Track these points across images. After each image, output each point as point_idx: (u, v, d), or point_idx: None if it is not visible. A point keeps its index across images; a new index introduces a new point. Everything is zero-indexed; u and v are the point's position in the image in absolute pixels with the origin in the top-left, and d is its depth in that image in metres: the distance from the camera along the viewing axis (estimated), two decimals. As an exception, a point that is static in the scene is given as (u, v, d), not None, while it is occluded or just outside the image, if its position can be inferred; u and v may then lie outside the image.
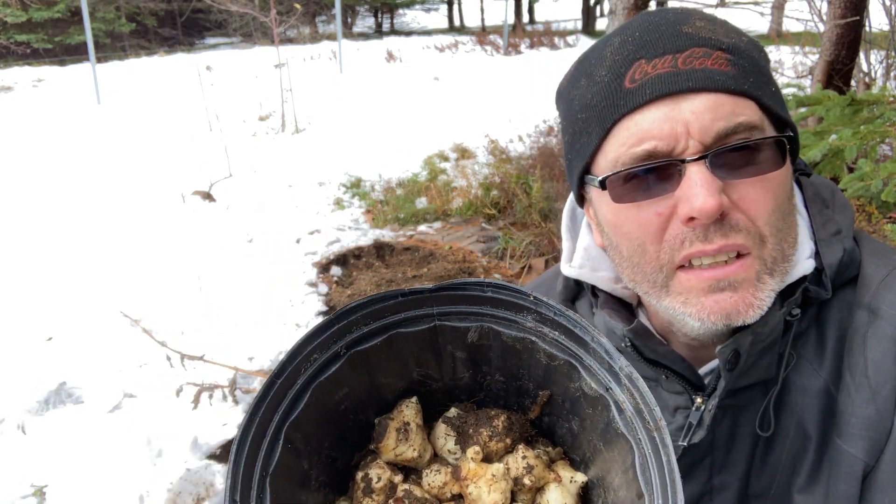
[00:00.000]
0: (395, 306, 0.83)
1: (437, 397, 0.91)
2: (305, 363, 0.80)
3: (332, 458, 0.85)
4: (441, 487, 0.81)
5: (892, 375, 0.87)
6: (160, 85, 14.52)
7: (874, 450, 0.89)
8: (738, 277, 0.87)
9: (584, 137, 0.96)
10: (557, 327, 0.80)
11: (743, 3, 11.40)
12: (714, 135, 0.85)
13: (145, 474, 3.28)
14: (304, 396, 0.79)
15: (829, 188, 1.05)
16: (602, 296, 1.09)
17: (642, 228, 0.91)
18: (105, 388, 4.03)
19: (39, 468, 3.34)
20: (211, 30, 26.86)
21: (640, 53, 0.89)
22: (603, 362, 0.77)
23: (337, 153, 9.06)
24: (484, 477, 0.78)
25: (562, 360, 0.81)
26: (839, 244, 0.96)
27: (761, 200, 0.87)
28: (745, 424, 1.00)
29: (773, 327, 0.93)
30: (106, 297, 5.14)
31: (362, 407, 0.87)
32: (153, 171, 8.43)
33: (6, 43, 19.20)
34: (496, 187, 6.96)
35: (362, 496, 0.81)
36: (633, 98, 0.88)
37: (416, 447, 0.83)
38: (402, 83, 13.56)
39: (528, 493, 0.80)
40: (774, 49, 13.46)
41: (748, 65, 0.89)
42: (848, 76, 4.73)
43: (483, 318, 0.84)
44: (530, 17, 30.12)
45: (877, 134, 2.30)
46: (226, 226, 6.75)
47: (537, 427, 0.90)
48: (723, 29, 0.92)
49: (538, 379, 0.86)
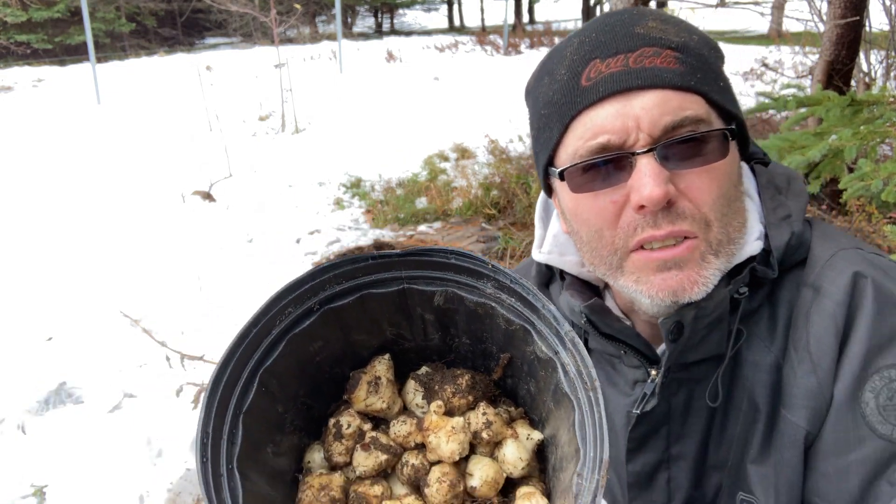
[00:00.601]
0: (366, 268, 0.89)
1: (410, 356, 0.98)
2: (280, 315, 0.85)
3: (307, 405, 0.92)
4: (405, 437, 0.88)
5: (832, 349, 0.94)
6: (160, 85, 14.51)
7: (815, 419, 0.95)
8: (684, 258, 0.94)
9: (546, 132, 1.04)
10: (513, 294, 0.86)
11: (743, 3, 11.40)
12: (662, 128, 0.92)
13: (145, 474, 3.28)
14: (279, 346, 0.85)
15: (784, 176, 1.11)
16: (568, 278, 1.17)
17: (599, 215, 0.98)
18: (105, 388, 4.03)
19: (39, 468, 3.34)
20: (211, 30, 26.85)
21: (596, 53, 0.97)
22: (552, 327, 0.83)
23: (337, 153, 9.06)
24: (444, 429, 0.84)
25: (518, 325, 0.87)
26: (788, 227, 1.02)
27: (706, 189, 0.94)
28: (699, 398, 1.07)
29: (717, 303, 0.99)
30: (106, 297, 5.14)
31: (338, 361, 0.94)
32: (153, 171, 8.42)
33: (6, 43, 19.19)
34: (496, 187, 6.96)
35: (333, 440, 0.88)
36: (588, 95, 0.96)
37: (386, 399, 0.90)
38: (402, 83, 13.56)
39: (487, 447, 0.87)
40: (774, 49, 13.45)
41: (696, 62, 0.96)
42: (848, 76, 4.73)
43: (448, 284, 0.90)
44: (530, 17, 30.12)
45: (877, 134, 2.30)
46: (226, 226, 6.75)
47: (501, 388, 0.97)
48: (674, 28, 0.98)
49: (500, 343, 0.92)
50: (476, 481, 0.83)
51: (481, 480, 0.83)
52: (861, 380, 0.92)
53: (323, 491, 0.82)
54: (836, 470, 0.93)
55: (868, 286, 0.94)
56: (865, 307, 0.93)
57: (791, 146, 2.41)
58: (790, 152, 2.38)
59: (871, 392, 0.91)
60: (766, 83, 10.93)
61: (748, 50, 14.14)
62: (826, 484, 0.95)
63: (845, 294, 0.95)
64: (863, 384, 0.92)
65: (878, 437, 0.90)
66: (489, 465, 0.84)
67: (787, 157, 2.32)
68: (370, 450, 0.86)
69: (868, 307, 0.93)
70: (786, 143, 2.43)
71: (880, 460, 0.90)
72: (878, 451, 0.90)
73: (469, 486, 0.83)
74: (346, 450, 0.88)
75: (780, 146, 2.43)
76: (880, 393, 0.91)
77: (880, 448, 0.90)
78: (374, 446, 0.86)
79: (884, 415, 0.90)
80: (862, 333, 0.93)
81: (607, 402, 1.16)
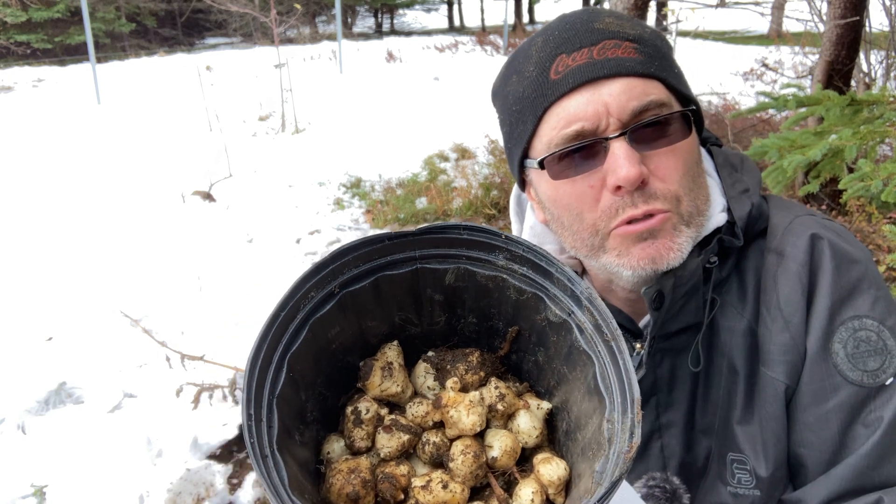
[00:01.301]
0: (382, 249, 0.91)
1: (415, 343, 0.99)
2: (304, 300, 0.86)
3: (323, 395, 0.92)
4: (423, 417, 0.89)
5: (801, 306, 1.03)
6: (160, 85, 14.51)
7: (793, 372, 1.03)
8: (658, 228, 1.02)
9: (519, 126, 1.10)
10: (525, 263, 0.88)
11: (743, 3, 11.40)
12: (630, 112, 0.99)
13: (145, 474, 3.28)
14: (304, 330, 0.86)
15: (737, 156, 1.20)
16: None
17: (579, 199, 1.05)
18: (105, 388, 4.03)
19: (39, 468, 3.34)
20: (211, 30, 26.85)
21: (561, 49, 1.04)
22: (566, 289, 0.86)
23: (337, 153, 9.05)
24: (462, 403, 0.86)
25: (529, 293, 0.89)
26: (747, 200, 1.11)
27: (673, 167, 1.02)
28: (682, 366, 1.14)
29: (692, 272, 1.06)
30: (106, 297, 5.14)
31: (350, 349, 0.95)
32: (153, 171, 8.42)
33: (6, 43, 19.19)
34: (496, 187, 6.96)
35: (353, 427, 0.89)
36: (558, 87, 1.02)
37: (400, 383, 0.92)
38: (402, 83, 13.56)
39: (501, 419, 0.89)
40: (774, 49, 13.45)
41: (653, 52, 1.04)
42: (848, 76, 4.73)
43: (460, 260, 0.92)
44: (530, 17, 30.12)
45: (877, 134, 2.30)
46: (226, 226, 6.75)
47: (505, 365, 0.99)
48: (629, 23, 1.07)
49: (508, 316, 0.95)
50: (496, 451, 0.85)
51: (501, 450, 0.85)
52: (829, 332, 1.01)
53: (353, 473, 0.83)
54: (816, 418, 1.01)
55: (825, 246, 1.04)
56: (825, 265, 1.03)
57: (791, 145, 2.41)
58: (790, 151, 2.38)
59: (840, 343, 1.01)
60: (766, 83, 10.93)
61: (748, 50, 14.15)
62: (809, 433, 1.02)
63: (806, 255, 1.04)
64: (831, 336, 1.01)
65: (850, 383, 0.99)
66: (507, 436, 0.87)
67: (786, 157, 2.32)
68: (392, 431, 0.87)
69: (827, 265, 1.03)
70: (786, 142, 2.43)
71: (854, 405, 0.99)
72: (852, 396, 0.99)
73: (490, 457, 0.85)
74: (368, 434, 0.89)
75: (780, 145, 2.43)
76: (847, 343, 1.00)
77: (853, 393, 0.99)
78: (395, 427, 0.88)
79: (853, 362, 0.99)
80: (825, 290, 1.02)
81: None
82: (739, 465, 1.09)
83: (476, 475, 0.84)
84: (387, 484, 0.83)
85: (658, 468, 1.18)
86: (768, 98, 2.73)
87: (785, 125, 2.95)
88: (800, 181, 5.05)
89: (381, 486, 0.83)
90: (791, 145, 2.42)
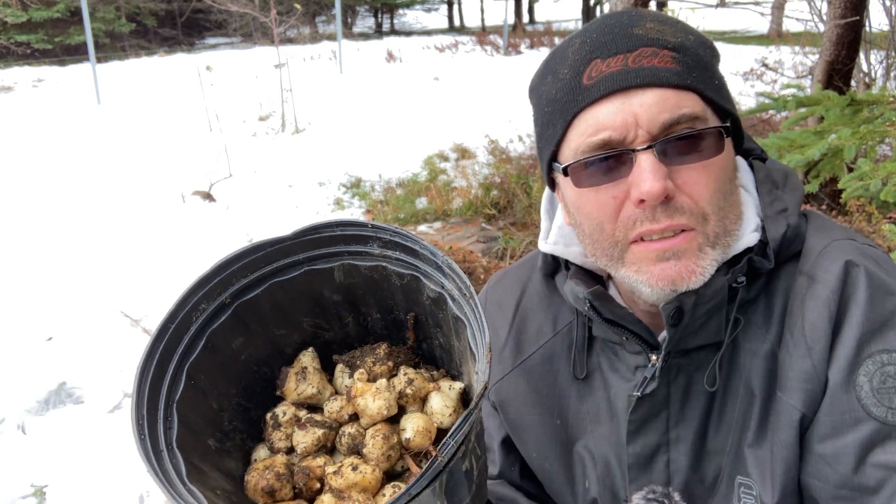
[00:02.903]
0: (267, 256, 0.93)
1: (332, 349, 1.01)
2: (195, 311, 0.88)
3: (243, 406, 0.94)
4: (339, 411, 0.93)
5: (826, 334, 0.98)
6: (160, 85, 14.51)
7: (810, 401, 0.99)
8: (681, 248, 0.99)
9: (550, 129, 1.08)
10: (397, 247, 0.91)
11: (743, 3, 11.40)
12: (660, 125, 0.97)
13: (145, 474, 3.28)
14: (200, 341, 0.87)
15: (781, 172, 1.15)
16: (573, 268, 1.21)
17: (600, 209, 1.03)
18: (105, 388, 4.03)
19: (39, 468, 3.34)
20: (211, 30, 26.85)
21: (596, 53, 1.01)
22: (432, 263, 0.88)
23: (337, 153, 9.05)
24: (369, 391, 0.90)
25: (408, 276, 0.92)
26: (784, 220, 1.06)
27: (703, 183, 0.98)
28: (698, 383, 1.11)
29: (715, 290, 1.03)
30: (106, 297, 5.15)
31: (264, 361, 0.96)
32: (153, 171, 8.42)
33: (6, 43, 19.19)
34: (496, 187, 6.96)
35: (272, 430, 0.92)
36: (589, 93, 1.00)
37: (315, 384, 0.95)
38: (402, 83, 13.56)
39: (416, 403, 0.92)
40: (774, 49, 13.45)
41: (692, 61, 1.00)
42: (848, 76, 4.73)
43: (342, 257, 0.94)
44: (530, 17, 30.11)
45: (876, 133, 2.30)
46: (226, 226, 6.75)
47: (419, 355, 1.02)
48: (671, 29, 1.03)
49: (403, 305, 0.97)
50: (409, 433, 0.88)
51: (413, 431, 0.88)
52: (855, 364, 0.96)
53: (267, 469, 0.86)
54: (832, 451, 0.97)
55: (860, 274, 0.99)
56: (858, 294, 0.98)
57: (791, 145, 2.42)
58: (790, 151, 2.38)
59: (865, 376, 0.96)
60: (766, 83, 10.93)
61: (748, 50, 14.15)
62: (823, 465, 0.98)
63: (838, 282, 0.99)
64: (857, 368, 0.96)
65: (873, 419, 0.94)
66: (419, 417, 0.90)
67: (786, 156, 2.32)
68: (307, 428, 0.90)
69: (861, 294, 0.98)
70: (785, 142, 2.43)
71: (875, 441, 0.94)
72: (874, 432, 0.94)
73: (404, 438, 0.88)
74: (286, 436, 0.92)
75: (780, 145, 2.43)
76: (874, 377, 0.95)
77: (875, 430, 0.94)
78: (310, 424, 0.91)
79: (878, 397, 0.94)
80: (855, 319, 0.97)
81: (609, 387, 1.21)
82: (746, 489, 1.07)
83: (388, 456, 0.87)
84: (301, 475, 0.86)
85: (661, 482, 1.16)
86: (768, 98, 2.73)
87: (785, 125, 2.95)
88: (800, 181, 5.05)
89: (296, 478, 0.86)
90: (791, 145, 2.43)
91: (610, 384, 1.20)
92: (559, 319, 1.28)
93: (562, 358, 1.26)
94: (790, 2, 13.24)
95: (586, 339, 1.23)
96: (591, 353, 1.23)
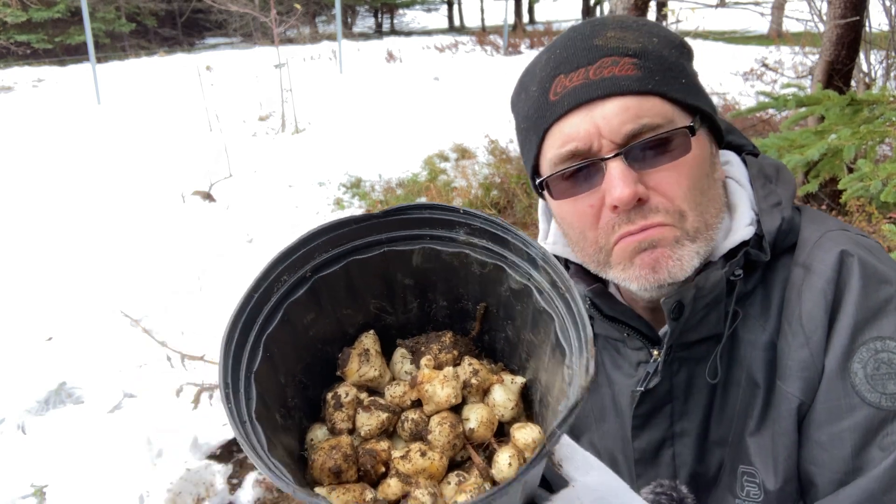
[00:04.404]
0: (350, 233, 0.92)
1: (391, 333, 1.01)
2: (277, 283, 0.88)
3: (304, 383, 0.94)
4: (402, 396, 0.92)
5: (822, 323, 1.00)
6: (160, 85, 14.51)
7: (808, 389, 1.01)
8: (656, 237, 1.02)
9: (528, 144, 1.13)
10: (484, 235, 0.90)
11: (743, 3, 11.40)
12: (623, 136, 1.00)
13: (145, 474, 3.28)
14: (278, 313, 0.87)
15: (773, 166, 1.18)
16: (573, 267, 1.24)
17: (580, 218, 1.07)
18: (105, 388, 4.03)
19: (39, 468, 3.34)
20: (211, 30, 26.84)
21: (560, 69, 1.05)
22: (522, 254, 0.87)
23: (337, 153, 9.05)
24: (437, 378, 0.89)
25: (491, 265, 0.90)
26: (778, 213, 1.09)
27: (675, 183, 1.01)
28: (700, 376, 1.13)
29: (714, 284, 1.05)
30: (106, 297, 5.15)
31: (328, 340, 0.96)
32: (153, 171, 8.42)
33: (6, 43, 19.19)
34: (496, 187, 6.96)
35: (333, 411, 0.91)
36: (555, 109, 1.04)
37: (377, 367, 0.94)
38: (402, 83, 13.56)
39: (477, 394, 0.92)
40: (774, 49, 13.45)
41: (654, 65, 1.02)
42: (848, 76, 4.73)
43: (424, 240, 0.93)
44: (530, 17, 30.11)
45: (876, 134, 2.30)
46: (226, 226, 6.75)
47: (479, 347, 1.02)
48: (633, 35, 1.05)
49: (475, 295, 0.96)
50: (473, 423, 0.88)
51: (477, 422, 0.87)
52: (850, 351, 0.98)
53: (334, 450, 0.85)
54: (829, 438, 0.99)
55: (854, 263, 1.01)
56: (852, 283, 1.00)
57: (790, 145, 2.42)
58: (790, 151, 2.38)
59: (860, 363, 0.98)
60: (766, 83, 10.93)
61: (748, 50, 14.15)
62: (820, 451, 1.00)
63: (833, 271, 1.01)
64: (851, 356, 0.98)
65: (867, 404, 0.97)
66: (483, 408, 0.90)
67: (786, 156, 2.32)
68: (371, 410, 0.90)
69: (855, 283, 1.00)
70: (785, 141, 2.43)
71: (870, 427, 0.96)
72: (868, 418, 0.96)
73: (468, 428, 0.88)
74: (348, 417, 0.91)
75: (780, 145, 2.43)
76: (867, 363, 0.98)
77: (870, 415, 0.96)
78: (374, 407, 0.90)
79: (871, 383, 0.97)
80: (849, 308, 0.99)
81: (613, 384, 1.23)
82: (749, 477, 1.08)
83: (454, 445, 0.87)
84: (368, 458, 0.85)
85: (668, 476, 1.18)
86: (768, 98, 2.73)
87: (785, 125, 2.95)
88: (799, 181, 5.05)
89: (362, 459, 0.85)
90: (791, 145, 2.43)
91: (613, 381, 1.23)
92: None
93: None
94: (790, 2, 13.25)
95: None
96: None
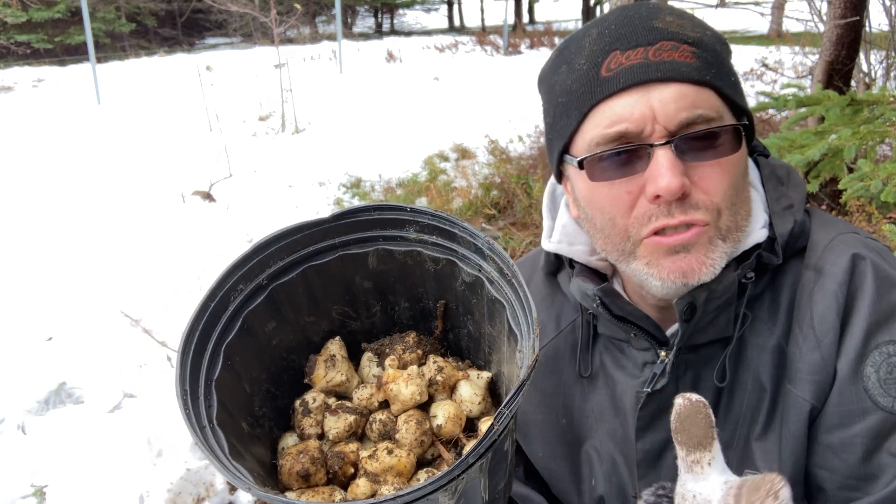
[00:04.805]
0: (305, 239, 0.92)
1: (358, 339, 1.01)
2: (233, 292, 0.88)
3: (272, 393, 0.94)
4: (369, 398, 0.93)
5: (834, 326, 0.99)
6: (160, 85, 14.50)
7: (819, 393, 1.00)
8: (693, 242, 0.99)
9: (563, 120, 1.07)
10: (433, 231, 0.91)
11: (743, 3, 11.40)
12: (678, 123, 0.96)
13: (145, 474, 3.28)
14: (237, 322, 0.88)
15: (784, 168, 1.16)
16: (578, 266, 1.21)
17: (613, 204, 1.02)
18: (105, 388, 4.02)
19: (39, 468, 3.34)
20: (211, 30, 26.84)
21: (616, 45, 0.99)
22: (471, 246, 0.87)
23: (337, 153, 9.05)
24: (401, 377, 0.90)
25: (443, 260, 0.92)
26: (791, 216, 1.08)
27: (718, 180, 0.98)
28: (706, 378, 1.11)
29: (727, 286, 1.03)
30: (106, 297, 5.14)
31: (292, 348, 0.97)
32: (153, 171, 8.42)
33: (6, 43, 19.18)
34: (496, 187, 6.96)
35: (301, 417, 0.92)
36: (608, 85, 0.98)
37: (344, 372, 0.95)
38: (402, 83, 13.56)
39: (445, 391, 0.93)
40: (774, 49, 13.45)
41: (711, 57, 1.00)
42: (848, 76, 4.72)
43: (377, 242, 0.94)
44: (530, 17, 30.10)
45: (876, 134, 2.30)
46: (226, 226, 6.75)
47: (444, 346, 1.02)
48: (690, 24, 1.03)
49: (433, 293, 0.98)
50: (440, 419, 0.89)
51: (445, 418, 0.89)
52: (862, 355, 0.97)
53: (302, 454, 0.86)
54: (840, 442, 0.97)
55: (867, 267, 1.00)
56: (865, 286, 0.99)
57: (791, 145, 2.42)
58: (790, 151, 2.38)
59: (872, 367, 0.96)
60: (766, 83, 10.93)
61: (748, 50, 14.13)
62: (831, 456, 0.99)
63: (846, 274, 1.00)
64: (864, 359, 0.97)
65: (880, 409, 0.95)
66: (450, 405, 0.91)
67: (786, 156, 2.32)
68: (339, 414, 0.91)
69: (868, 286, 0.98)
70: (785, 142, 2.43)
71: (882, 431, 0.95)
72: (880, 422, 0.95)
73: (436, 425, 0.89)
74: (316, 422, 0.92)
75: (780, 145, 2.43)
76: (880, 367, 0.96)
77: (882, 419, 0.95)
78: (341, 410, 0.91)
79: (884, 388, 0.95)
80: (862, 311, 0.98)
81: (615, 384, 1.20)
82: None
83: (421, 442, 0.87)
84: (335, 459, 0.86)
85: (670, 478, 1.15)
86: (768, 98, 2.73)
87: (785, 125, 2.95)
88: (800, 181, 5.05)
89: (330, 462, 0.86)
90: (791, 145, 2.43)
91: (615, 381, 1.20)
92: (562, 318, 1.28)
93: (565, 356, 1.26)
94: (790, 2, 13.24)
95: (591, 336, 1.23)
96: (595, 351, 1.23)
